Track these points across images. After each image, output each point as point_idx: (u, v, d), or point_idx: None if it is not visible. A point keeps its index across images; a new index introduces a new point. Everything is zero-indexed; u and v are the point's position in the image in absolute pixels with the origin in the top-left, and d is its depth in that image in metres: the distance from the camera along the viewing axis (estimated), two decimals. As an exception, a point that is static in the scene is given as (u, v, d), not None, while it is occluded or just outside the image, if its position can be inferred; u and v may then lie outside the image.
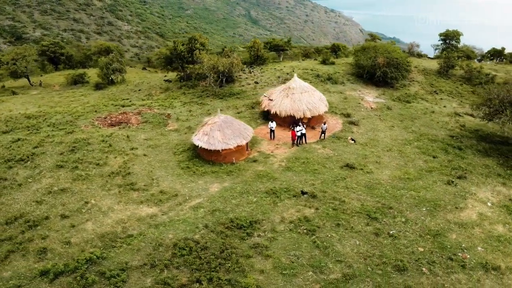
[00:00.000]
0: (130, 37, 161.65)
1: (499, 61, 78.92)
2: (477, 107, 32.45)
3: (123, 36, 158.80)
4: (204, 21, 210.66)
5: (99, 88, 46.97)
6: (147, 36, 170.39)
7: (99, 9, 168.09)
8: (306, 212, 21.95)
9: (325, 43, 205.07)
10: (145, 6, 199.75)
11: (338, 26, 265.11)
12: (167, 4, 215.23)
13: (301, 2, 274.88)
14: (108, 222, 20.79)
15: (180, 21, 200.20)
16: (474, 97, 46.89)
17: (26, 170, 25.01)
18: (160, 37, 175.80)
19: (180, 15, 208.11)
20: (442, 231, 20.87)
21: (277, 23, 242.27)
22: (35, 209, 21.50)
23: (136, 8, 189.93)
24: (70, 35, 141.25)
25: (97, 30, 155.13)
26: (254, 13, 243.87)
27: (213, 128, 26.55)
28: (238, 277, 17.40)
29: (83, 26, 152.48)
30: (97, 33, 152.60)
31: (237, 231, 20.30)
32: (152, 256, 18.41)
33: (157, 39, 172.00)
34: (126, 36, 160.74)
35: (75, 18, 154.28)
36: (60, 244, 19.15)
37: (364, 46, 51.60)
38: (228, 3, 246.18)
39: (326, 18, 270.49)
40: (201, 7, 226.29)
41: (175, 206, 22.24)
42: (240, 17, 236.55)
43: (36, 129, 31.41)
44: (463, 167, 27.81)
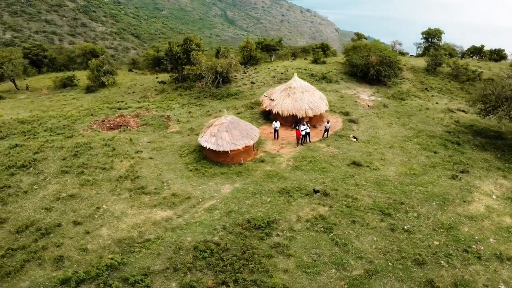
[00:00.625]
0: (105, 38, 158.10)
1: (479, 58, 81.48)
2: (474, 103, 33.38)
3: (97, 38, 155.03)
4: (180, 22, 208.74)
5: (91, 91, 45.97)
6: (123, 37, 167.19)
7: (71, 10, 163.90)
8: (320, 210, 22.11)
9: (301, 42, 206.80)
10: (120, 7, 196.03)
11: (314, 26, 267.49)
12: (142, 5, 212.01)
13: (277, 2, 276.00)
14: (123, 227, 20.39)
15: (155, 22, 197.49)
16: (463, 94, 48.32)
17: (29, 177, 24.26)
18: (136, 38, 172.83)
19: (155, 16, 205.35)
20: (454, 224, 21.40)
21: (253, 23, 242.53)
22: (45, 216, 20.89)
23: (110, 9, 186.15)
24: (42, 37, 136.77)
25: (71, 31, 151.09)
26: (230, 13, 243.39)
27: (221, 129, 26.41)
28: (263, 277, 17.38)
29: (56, 28, 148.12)
30: (70, 35, 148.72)
31: (255, 231, 20.27)
32: (174, 260, 18.18)
33: (133, 40, 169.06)
34: (101, 37, 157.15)
35: (47, 20, 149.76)
36: (77, 251, 18.67)
37: (355, 45, 52.31)
38: (204, 3, 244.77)
39: (302, 17, 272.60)
40: (176, 8, 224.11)
41: (189, 209, 22.01)
42: (216, 17, 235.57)
43: (33, 134, 30.49)
44: (464, 161, 28.58)
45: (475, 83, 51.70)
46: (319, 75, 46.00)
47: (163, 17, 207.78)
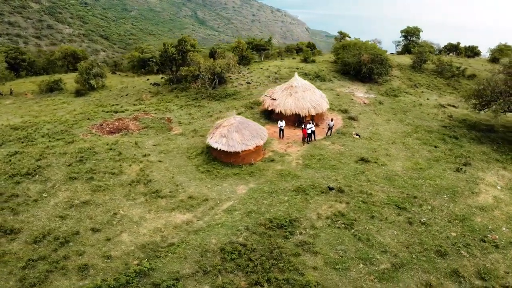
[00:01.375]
0: (72, 40, 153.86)
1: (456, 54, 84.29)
2: (468, 98, 34.57)
3: (65, 40, 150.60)
4: (150, 23, 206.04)
5: (80, 95, 44.68)
6: (91, 39, 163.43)
7: (36, 11, 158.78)
8: (338, 207, 22.38)
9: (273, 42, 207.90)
10: (87, 8, 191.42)
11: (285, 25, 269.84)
12: (109, 6, 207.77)
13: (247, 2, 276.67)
14: (144, 232, 20.00)
15: (125, 23, 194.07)
16: (450, 89, 49.95)
17: (36, 185, 23.40)
18: (105, 40, 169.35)
19: (124, 17, 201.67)
20: (467, 215, 22.13)
21: (224, 23, 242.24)
22: (60, 224, 20.21)
23: (77, 10, 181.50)
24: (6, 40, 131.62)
25: (36, 34, 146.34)
26: (201, 13, 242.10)
27: (231, 130, 26.28)
28: (294, 276, 17.46)
29: (20, 30, 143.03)
30: (36, 37, 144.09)
31: (279, 230, 20.31)
32: (202, 263, 17.99)
33: (102, 42, 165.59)
34: (68, 39, 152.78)
35: (10, 22, 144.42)
36: (101, 258, 18.18)
37: (344, 44, 53.15)
38: (174, 3, 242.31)
39: (273, 17, 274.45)
40: (145, 8, 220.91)
41: (208, 211, 21.81)
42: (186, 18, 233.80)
43: (31, 141, 29.39)
44: (465, 154, 29.57)
45: (459, 79, 53.57)
46: (312, 74, 46.46)
47: (132, 18, 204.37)
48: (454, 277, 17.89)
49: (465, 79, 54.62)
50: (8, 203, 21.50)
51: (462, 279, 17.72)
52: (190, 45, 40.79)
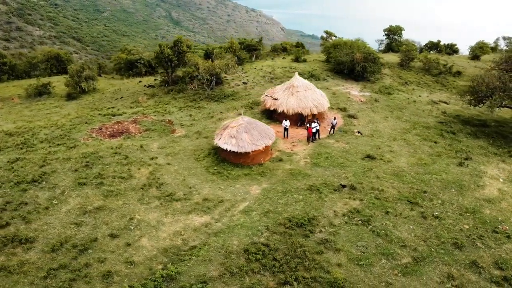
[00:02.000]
0: (43, 42, 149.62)
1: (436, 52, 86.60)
2: (463, 94, 35.60)
3: (35, 42, 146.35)
4: (123, 24, 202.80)
5: (72, 98, 43.59)
6: (63, 41, 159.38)
7: (4, 13, 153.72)
8: (352, 204, 22.68)
9: None
10: (57, 9, 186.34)
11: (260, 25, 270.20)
12: (81, 7, 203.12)
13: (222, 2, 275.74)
14: (164, 236, 19.75)
15: (97, 24, 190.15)
16: (439, 86, 51.31)
17: (44, 192, 22.73)
18: (77, 41, 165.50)
19: (96, 18, 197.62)
20: (476, 208, 22.81)
21: (199, 23, 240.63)
22: (76, 231, 19.71)
23: (47, 11, 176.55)
24: None
25: (4, 36, 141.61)
26: (175, 14, 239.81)
27: (240, 130, 26.22)
28: (320, 274, 17.60)
29: None
30: (4, 40, 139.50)
31: (298, 229, 20.42)
32: (227, 265, 17.92)
33: (75, 44, 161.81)
34: (38, 42, 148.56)
35: None
36: (123, 264, 17.85)
37: (334, 43, 53.80)
38: (147, 4, 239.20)
39: (248, 17, 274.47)
40: (118, 9, 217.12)
41: (225, 212, 21.71)
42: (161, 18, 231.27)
43: (30, 147, 28.53)
44: (464, 149, 30.46)
45: (446, 76, 55.09)
46: (306, 73, 46.82)
47: (105, 19, 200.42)
48: (474, 268, 18.41)
49: (451, 76, 56.25)
50: (18, 212, 20.82)
51: (481, 270, 18.26)
52: (186, 46, 40.41)
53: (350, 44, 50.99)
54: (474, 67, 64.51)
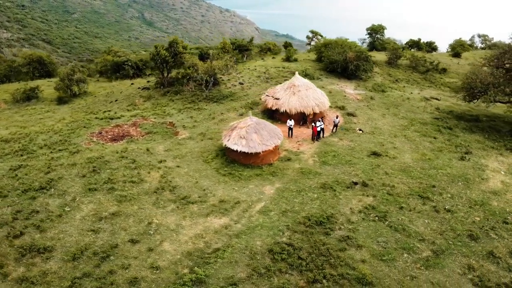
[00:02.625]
0: (11, 45, 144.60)
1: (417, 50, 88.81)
2: (458, 90, 36.66)
3: (2, 45, 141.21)
4: (95, 25, 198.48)
5: (64, 102, 42.39)
6: (32, 43, 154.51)
7: None
8: (366, 200, 23.03)
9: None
10: (25, 11, 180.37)
11: (235, 26, 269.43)
12: (49, 8, 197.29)
13: (195, 3, 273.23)
14: (185, 240, 19.52)
15: (68, 26, 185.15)
16: (428, 83, 52.66)
17: (54, 199, 22.07)
18: (47, 44, 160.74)
19: (66, 20, 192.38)
20: (484, 200, 23.56)
21: (173, 24, 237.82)
22: (95, 238, 19.24)
23: (14, 13, 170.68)
24: None
25: None
26: (148, 15, 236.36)
27: (249, 131, 26.18)
28: (347, 270, 17.80)
29: None
30: None
31: (318, 227, 20.58)
32: (254, 266, 17.88)
33: (45, 46, 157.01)
34: (6, 44, 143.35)
35: None
36: (148, 270, 17.55)
37: (325, 42, 54.41)
38: (119, 5, 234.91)
39: (222, 17, 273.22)
40: (89, 10, 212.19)
41: (243, 213, 21.65)
42: (133, 19, 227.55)
43: (30, 153, 27.60)
44: (463, 144, 31.37)
45: (433, 73, 56.59)
46: (300, 72, 47.02)
47: (75, 21, 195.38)
48: (491, 258, 19.04)
49: (437, 73, 57.83)
50: (30, 221, 20.15)
51: (499, 260, 18.90)
52: (182, 47, 39.97)
53: (341, 43, 51.67)
54: (457, 64, 66.62)
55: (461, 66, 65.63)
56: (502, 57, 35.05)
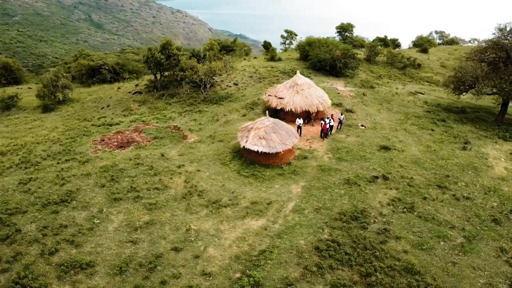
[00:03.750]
0: None
1: (384, 47, 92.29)
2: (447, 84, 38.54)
3: None
4: (39, 28, 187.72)
5: (49, 110, 40.14)
6: None
7: None
8: (391, 193, 23.79)
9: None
10: None
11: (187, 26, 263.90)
12: None
13: (146, 4, 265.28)
14: (228, 244, 19.29)
15: (9, 30, 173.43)
16: (408, 78, 54.91)
17: (79, 211, 21.01)
18: None
19: (6, 23, 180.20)
20: (496, 186, 25.04)
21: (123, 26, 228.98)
22: (135, 249, 18.56)
23: None
24: None
25: None
26: (96, 17, 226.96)
27: (268, 131, 26.17)
28: (394, 262, 18.36)
29: None
30: None
31: (354, 222, 21.02)
32: (305, 264, 18.01)
33: None
34: None
35: None
36: (201, 277, 17.23)
37: (308, 41, 55.27)
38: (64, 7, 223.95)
39: (174, 18, 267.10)
40: (31, 13, 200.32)
41: (277, 213, 21.67)
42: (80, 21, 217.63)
43: (34, 165, 26.01)
44: (460, 134, 33.08)
45: (411, 69, 59.07)
46: (289, 71, 47.64)
47: (16, 24, 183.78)
48: (518, 240, 20.33)
49: (413, 68, 60.44)
50: (60, 236, 19.09)
51: (525, 241, 20.23)
52: (176, 48, 39.03)
53: (324, 42, 52.70)
54: (427, 59, 69.93)
55: (432, 61, 69.06)
56: (485, 52, 37.27)
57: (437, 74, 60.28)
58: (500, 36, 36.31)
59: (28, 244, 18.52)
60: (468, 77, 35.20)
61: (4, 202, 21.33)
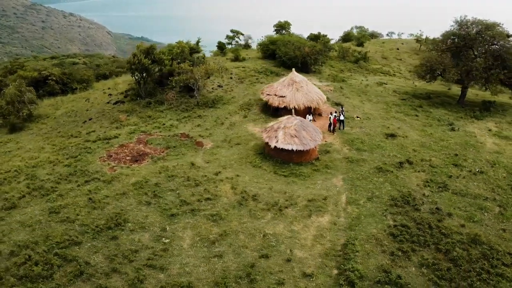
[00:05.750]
0: None
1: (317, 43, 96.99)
2: (419, 73, 42.29)
3: None
4: None
5: (17, 129, 35.33)
6: None
7: None
8: (422, 175, 25.84)
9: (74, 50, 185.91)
10: None
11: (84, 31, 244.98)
12: None
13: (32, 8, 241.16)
14: (310, 243, 19.50)
15: None
16: (364, 71, 58.83)
17: (140, 233, 19.45)
18: None
19: None
20: (497, 160, 28.48)
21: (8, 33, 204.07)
22: (224, 263, 17.88)
23: None
24: None
25: None
26: None
27: (298, 129, 26.54)
28: (459, 237, 20.18)
29: None
30: None
31: (407, 206, 22.53)
32: (390, 250, 19.02)
33: None
34: None
35: None
36: (303, 279, 17.38)
37: (271, 40, 56.25)
38: None
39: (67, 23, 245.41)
40: None
41: (336, 207, 22.31)
42: None
43: (51, 192, 23.11)
44: (442, 117, 36.75)
45: (362, 62, 63.31)
46: (264, 70, 48.16)
47: None
48: (539, 203, 23.58)
49: (364, 61, 64.85)
50: (137, 262, 17.58)
51: (544, 202, 23.54)
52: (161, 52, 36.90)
53: (288, 40, 54.13)
54: (368, 52, 75.40)
55: (372, 54, 74.65)
56: (446, 42, 41.81)
57: (385, 66, 65.54)
58: (458, 28, 40.95)
59: (107, 276, 16.73)
60: (438, 65, 39.18)
61: (49, 236, 18.82)
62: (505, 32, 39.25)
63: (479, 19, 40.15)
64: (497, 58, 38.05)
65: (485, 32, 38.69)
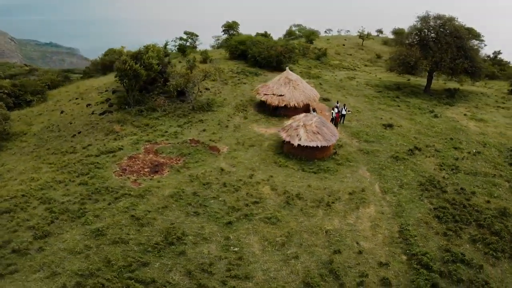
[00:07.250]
0: None
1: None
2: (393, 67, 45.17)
3: None
4: None
5: (-5, 150, 31.53)
6: None
7: None
8: (433, 160, 28.10)
9: None
10: None
11: None
12: None
13: None
14: (370, 234, 20.49)
15: None
16: (327, 66, 61.27)
17: (205, 245, 18.83)
18: None
19: None
20: (485, 140, 31.75)
21: None
22: (303, 263, 18.02)
23: None
24: None
25: None
26: None
27: (319, 126, 27.17)
28: (491, 212, 22.42)
29: None
30: None
31: (435, 190, 24.46)
32: (441, 232, 20.64)
33: None
34: None
35: None
36: (382, 268, 18.14)
37: (238, 40, 56.25)
38: None
39: None
40: None
41: (375, 198, 23.41)
42: None
43: (82, 215, 21.22)
44: (422, 106, 39.83)
45: (323, 58, 65.83)
46: (240, 70, 48.11)
47: None
48: (535, 174, 26.86)
49: (325, 57, 67.45)
50: (218, 274, 17.13)
51: (539, 174, 26.88)
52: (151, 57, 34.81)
53: (256, 39, 54.58)
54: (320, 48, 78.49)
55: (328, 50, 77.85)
56: (410, 37, 45.33)
57: (342, 61, 68.79)
58: (421, 23, 44.55)
59: (194, 293, 15.98)
60: (410, 58, 42.35)
61: (110, 261, 17.39)
62: (463, 25, 43.66)
63: (440, 14, 44.11)
64: (460, 49, 42.18)
65: (448, 25, 42.65)
